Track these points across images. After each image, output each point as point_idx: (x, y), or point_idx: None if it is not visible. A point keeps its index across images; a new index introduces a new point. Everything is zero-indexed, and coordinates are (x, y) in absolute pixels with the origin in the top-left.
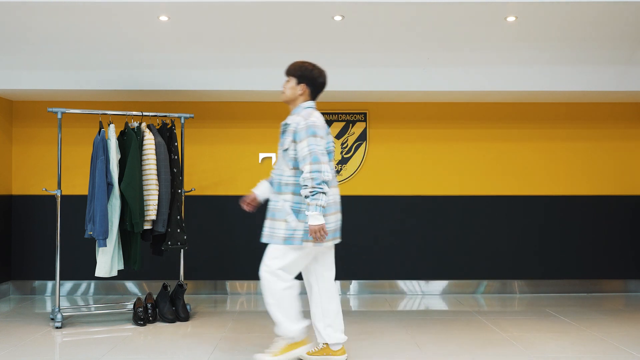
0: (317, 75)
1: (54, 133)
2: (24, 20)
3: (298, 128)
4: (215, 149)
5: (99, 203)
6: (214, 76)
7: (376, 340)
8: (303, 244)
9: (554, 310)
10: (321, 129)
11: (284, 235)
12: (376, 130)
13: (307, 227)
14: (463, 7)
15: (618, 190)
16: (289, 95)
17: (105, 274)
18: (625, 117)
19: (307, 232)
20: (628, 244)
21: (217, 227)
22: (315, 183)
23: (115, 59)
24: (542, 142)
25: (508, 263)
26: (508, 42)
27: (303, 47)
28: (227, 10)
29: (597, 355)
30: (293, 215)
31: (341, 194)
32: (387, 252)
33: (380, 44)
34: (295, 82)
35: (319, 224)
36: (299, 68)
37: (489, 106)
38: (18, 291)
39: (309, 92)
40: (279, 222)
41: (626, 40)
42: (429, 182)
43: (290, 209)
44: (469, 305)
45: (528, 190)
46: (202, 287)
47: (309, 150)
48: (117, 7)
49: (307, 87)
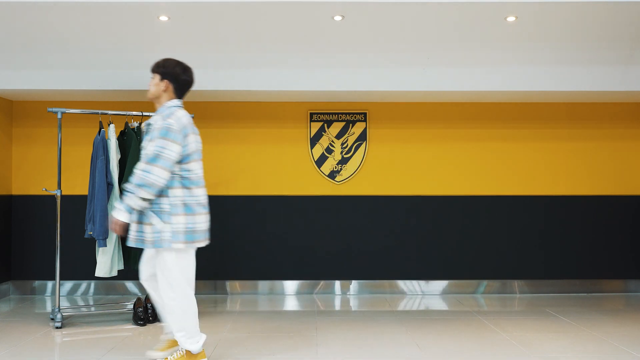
0: (181, 72)
1: (54, 133)
2: (24, 21)
3: (154, 127)
4: (215, 149)
5: (99, 203)
6: (214, 76)
7: (376, 340)
8: (172, 246)
9: (554, 310)
10: (177, 132)
11: (151, 238)
12: (376, 130)
13: (175, 229)
14: (463, 7)
15: (618, 190)
16: (153, 92)
17: (105, 274)
18: (625, 117)
19: (175, 233)
20: (628, 244)
21: (217, 227)
22: (137, 183)
23: (115, 59)
24: (542, 142)
25: (508, 263)
26: (508, 42)
27: (303, 47)
28: (227, 10)
29: (597, 355)
30: (157, 218)
31: (341, 194)
32: (387, 252)
33: (380, 44)
34: (159, 78)
35: (120, 219)
36: (162, 64)
37: (489, 106)
38: (18, 291)
39: (173, 88)
40: (146, 226)
41: (626, 40)
42: (429, 182)
43: (151, 211)
44: (469, 305)
45: (528, 190)
46: (202, 287)
47: (154, 151)
48: (117, 7)
49: (170, 83)
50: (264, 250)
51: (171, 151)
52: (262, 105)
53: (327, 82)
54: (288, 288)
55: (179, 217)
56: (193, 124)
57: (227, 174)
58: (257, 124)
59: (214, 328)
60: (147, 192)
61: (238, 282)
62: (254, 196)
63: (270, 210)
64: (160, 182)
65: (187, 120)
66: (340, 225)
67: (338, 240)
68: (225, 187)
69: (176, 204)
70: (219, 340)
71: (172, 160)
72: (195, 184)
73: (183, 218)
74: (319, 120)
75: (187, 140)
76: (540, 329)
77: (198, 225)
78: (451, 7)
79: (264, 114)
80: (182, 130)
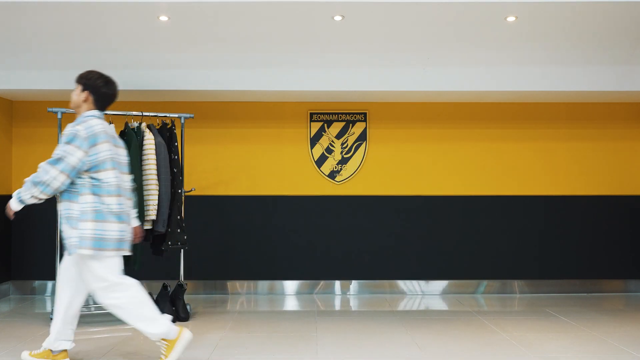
0: (101, 85)
1: (54, 133)
2: (24, 21)
3: (64, 133)
4: (215, 149)
5: None
6: (214, 76)
7: (376, 340)
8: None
9: (554, 310)
10: (83, 139)
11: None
12: (376, 130)
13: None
14: (463, 7)
15: (618, 190)
16: (74, 101)
17: None
18: (625, 117)
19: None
20: (628, 244)
21: (217, 227)
22: (33, 179)
23: (115, 59)
24: (543, 142)
25: (508, 263)
26: (508, 42)
27: (303, 47)
28: (227, 10)
29: (597, 355)
30: (66, 224)
31: (341, 194)
32: (387, 252)
33: (380, 44)
34: (80, 89)
35: (12, 208)
36: (85, 76)
37: (490, 106)
38: (18, 291)
39: (93, 100)
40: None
41: (626, 40)
42: (429, 182)
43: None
44: (469, 305)
45: (528, 190)
46: (202, 287)
47: (57, 154)
48: (117, 7)
49: (90, 94)
50: (264, 250)
51: (73, 157)
52: (262, 105)
53: (327, 82)
54: (288, 288)
55: (87, 223)
56: (112, 135)
57: (227, 174)
58: (257, 124)
59: (214, 328)
60: (40, 190)
61: (238, 282)
62: (254, 196)
63: (270, 210)
64: (55, 184)
65: (100, 130)
66: (340, 225)
67: (338, 240)
68: (225, 187)
69: (85, 211)
70: (219, 340)
71: (72, 165)
72: (107, 192)
73: (91, 224)
74: (319, 120)
75: (96, 149)
76: (540, 329)
77: (108, 234)
78: (451, 7)
79: (264, 114)
80: (89, 139)
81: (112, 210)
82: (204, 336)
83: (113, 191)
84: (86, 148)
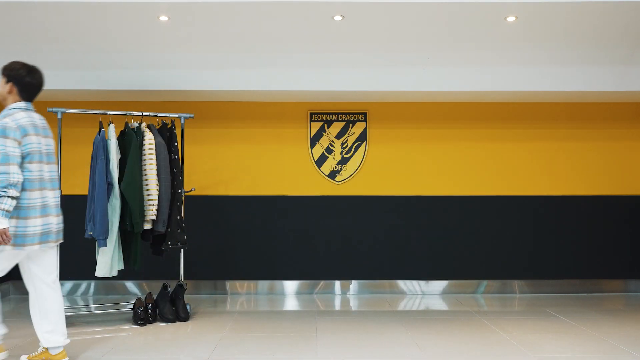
0: (24, 75)
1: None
2: (24, 20)
3: None
4: (215, 149)
5: (99, 203)
6: (214, 76)
7: (376, 340)
8: None
9: (554, 310)
10: (14, 130)
11: None
12: (376, 130)
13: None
14: (463, 7)
15: (618, 190)
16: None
17: (105, 274)
18: (625, 117)
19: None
20: (628, 244)
21: (217, 227)
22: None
23: (115, 59)
24: (543, 142)
25: (508, 263)
26: (508, 42)
27: (303, 47)
28: (227, 11)
29: (597, 355)
30: None
31: (341, 194)
32: (387, 252)
33: (380, 44)
34: (5, 81)
35: (1, 227)
36: (8, 67)
37: (490, 106)
38: (18, 291)
39: (17, 90)
40: None
41: (626, 40)
42: (429, 182)
43: None
44: (469, 305)
45: (529, 190)
46: (202, 287)
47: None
48: (117, 7)
49: (14, 86)
50: (264, 250)
51: (13, 148)
52: (262, 105)
53: (327, 82)
54: (288, 288)
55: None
56: (41, 127)
57: (227, 174)
58: (257, 124)
59: (214, 328)
60: (15, 191)
61: (238, 282)
62: (254, 196)
63: (270, 211)
64: (19, 177)
65: (27, 122)
66: (340, 225)
67: (338, 240)
68: (225, 187)
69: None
70: (219, 340)
71: (17, 155)
72: (30, 187)
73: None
74: (319, 120)
75: (26, 140)
76: (540, 329)
77: (33, 229)
78: (451, 7)
79: (264, 114)
80: (19, 129)
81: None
82: (204, 336)
83: (35, 185)
84: (19, 138)
